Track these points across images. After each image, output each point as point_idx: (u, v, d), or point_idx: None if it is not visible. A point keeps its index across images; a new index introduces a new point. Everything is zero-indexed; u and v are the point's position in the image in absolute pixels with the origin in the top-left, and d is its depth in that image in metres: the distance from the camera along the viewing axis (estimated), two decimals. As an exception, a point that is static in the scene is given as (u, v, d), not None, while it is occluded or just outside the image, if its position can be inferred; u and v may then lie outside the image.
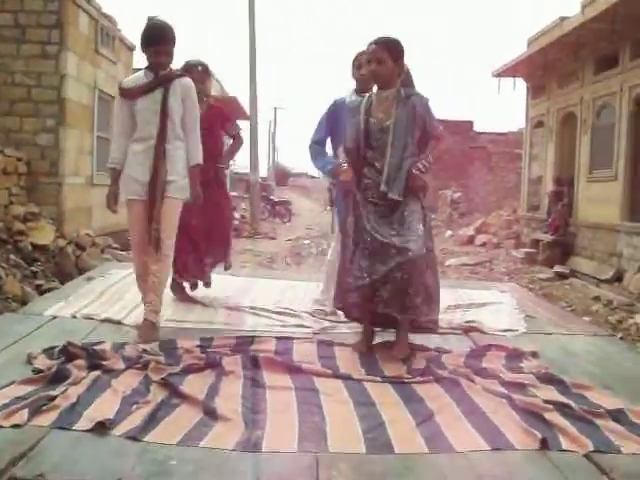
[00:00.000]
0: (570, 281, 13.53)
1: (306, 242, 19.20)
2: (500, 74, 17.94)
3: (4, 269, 8.73)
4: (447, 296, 5.70)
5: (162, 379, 3.22)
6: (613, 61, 13.29)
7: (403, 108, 4.02)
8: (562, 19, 15.69)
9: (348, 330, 4.56)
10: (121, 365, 3.46)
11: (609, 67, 13.48)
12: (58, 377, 3.19)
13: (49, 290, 8.91)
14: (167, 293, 5.10)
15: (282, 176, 52.29)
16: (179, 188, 4.36)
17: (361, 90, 4.71)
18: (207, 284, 5.38)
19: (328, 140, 4.99)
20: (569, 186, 15.39)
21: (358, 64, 4.77)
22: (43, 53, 10.54)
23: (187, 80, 4.45)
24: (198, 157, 4.43)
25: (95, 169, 12.07)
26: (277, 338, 4.14)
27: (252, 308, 4.99)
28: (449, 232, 22.09)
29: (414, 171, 3.97)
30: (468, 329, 4.69)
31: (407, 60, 4.13)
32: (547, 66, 16.11)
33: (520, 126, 29.24)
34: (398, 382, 3.45)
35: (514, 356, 3.96)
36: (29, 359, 3.50)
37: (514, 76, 17.75)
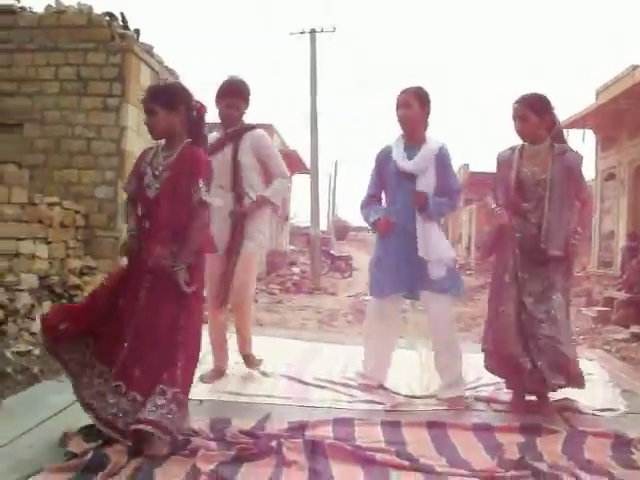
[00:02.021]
0: (649, 343, 12.68)
1: (367, 298, 18.64)
2: (568, 126, 17.35)
3: (58, 325, 8.50)
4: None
5: (212, 470, 2.76)
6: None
7: (559, 163, 4.12)
8: (634, 67, 15.15)
9: (424, 407, 4.05)
10: (165, 449, 3.01)
11: (687, 117, 12.84)
12: (94, 464, 2.77)
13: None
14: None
15: (342, 230, 51.97)
16: (254, 244, 4.41)
17: (405, 132, 4.42)
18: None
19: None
20: (644, 241, 14.62)
21: (397, 105, 4.39)
22: (104, 106, 10.45)
23: (258, 131, 4.43)
24: (268, 193, 4.43)
25: (153, 223, 11.88)
26: (334, 421, 3.61)
27: (316, 379, 4.51)
28: (515, 288, 21.27)
29: (572, 241, 4.11)
30: (561, 407, 4.12)
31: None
32: (618, 117, 15.51)
33: (587, 180, 28.68)
34: (489, 478, 2.92)
35: (621, 444, 3.38)
36: (64, 440, 3.10)
37: (583, 127, 17.16)
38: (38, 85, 10.40)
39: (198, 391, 4.08)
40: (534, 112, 4.15)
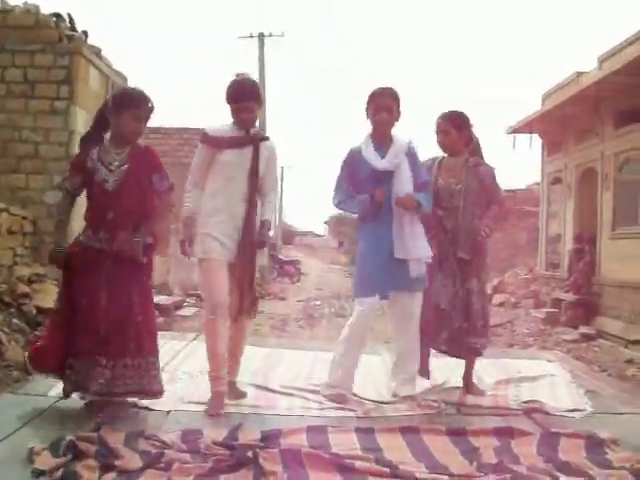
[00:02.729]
0: (598, 342, 12.92)
1: (317, 303, 18.61)
2: (515, 130, 17.63)
3: (6, 334, 8.20)
4: (493, 369, 5.21)
5: (189, 484, 2.67)
6: (635, 115, 12.94)
7: (472, 175, 4.48)
8: (578, 74, 15.47)
9: (394, 413, 4.02)
10: (138, 463, 2.90)
11: (631, 121, 13.12)
12: (64, 482, 2.65)
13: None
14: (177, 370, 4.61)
15: (288, 235, 51.86)
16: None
17: (377, 134, 4.38)
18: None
19: None
20: (591, 244, 14.92)
21: (376, 107, 4.32)
22: (52, 109, 10.17)
23: (272, 143, 4.28)
24: (270, 214, 4.30)
25: (103, 228, 11.64)
26: (308, 428, 3.53)
27: (283, 387, 4.42)
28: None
29: (481, 235, 4.38)
30: (530, 410, 4.13)
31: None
32: (564, 122, 15.79)
33: (528, 183, 29.15)
34: (469, 482, 2.89)
35: (594, 445, 3.40)
36: (30, 456, 2.96)
37: (530, 132, 17.43)
38: (-16, 87, 10.10)
39: (164, 401, 3.99)
40: (455, 127, 4.52)
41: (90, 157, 3.89)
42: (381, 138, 4.36)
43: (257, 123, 4.41)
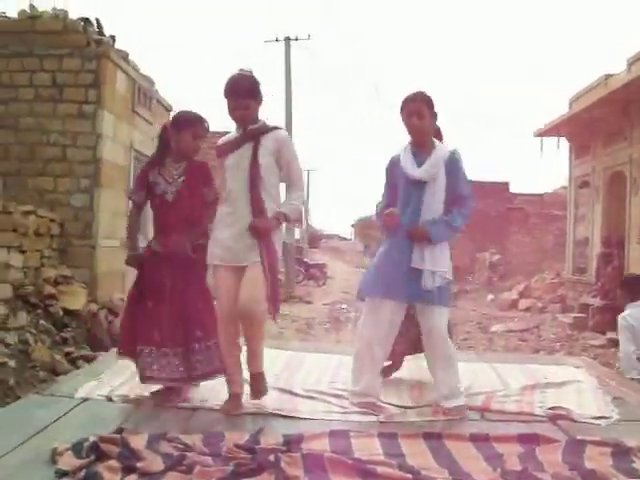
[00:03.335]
0: (625, 349, 12.77)
1: (343, 306, 18.61)
2: (542, 134, 17.52)
3: (33, 335, 8.34)
4: (520, 374, 5.15)
5: (211, 487, 2.67)
6: (665, 118, 12.82)
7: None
8: (607, 77, 15.33)
9: (417, 418, 3.99)
10: (160, 466, 2.91)
11: (661, 125, 13.00)
12: (86, 483, 2.66)
13: (79, 358, 8.49)
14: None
15: (314, 238, 51.88)
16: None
17: (414, 140, 4.26)
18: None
19: None
20: (619, 248, 14.75)
21: (407, 113, 4.19)
22: (80, 113, 10.34)
23: (281, 132, 4.14)
24: (289, 209, 4.09)
25: (130, 231, 11.74)
26: (330, 433, 3.49)
27: (306, 390, 4.41)
28: (490, 296, 21.40)
29: None
30: (555, 416, 4.07)
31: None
32: (591, 125, 15.68)
33: (556, 187, 28.97)
34: (493, 490, 2.86)
35: (620, 453, 3.33)
36: (53, 456, 2.98)
37: (557, 136, 17.32)
38: (13, 91, 10.28)
39: (187, 404, 4.02)
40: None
41: (152, 171, 4.30)
42: (420, 145, 4.22)
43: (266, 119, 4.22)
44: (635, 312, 6.06)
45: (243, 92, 4.00)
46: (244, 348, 4.13)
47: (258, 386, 4.07)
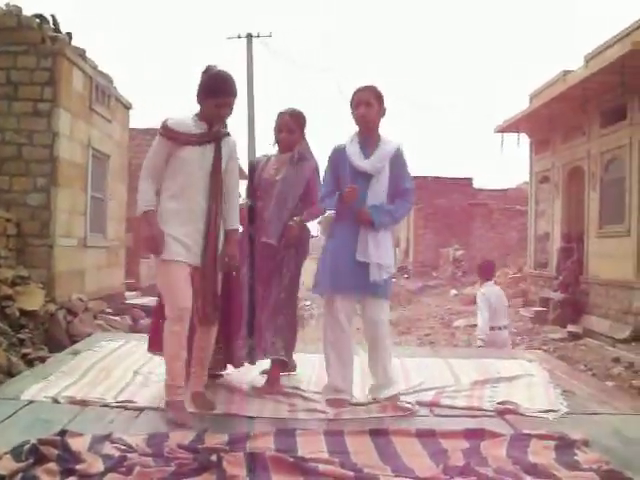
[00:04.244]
0: (585, 341, 12.97)
1: (307, 303, 18.60)
2: (503, 130, 17.66)
3: (-12, 337, 8.20)
4: (472, 369, 5.19)
5: (150, 489, 2.65)
6: (621, 114, 12.98)
7: (293, 168, 4.54)
8: (565, 73, 15.51)
9: (366, 415, 4.00)
10: (100, 467, 2.87)
11: (617, 120, 13.16)
12: (22, 487, 2.62)
13: (37, 359, 8.36)
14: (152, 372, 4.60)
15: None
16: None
17: (361, 131, 4.32)
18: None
19: None
20: (578, 242, 14.94)
21: (356, 102, 4.26)
22: (35, 111, 10.19)
23: (234, 140, 4.15)
24: (237, 221, 4.15)
25: (89, 230, 11.61)
26: (276, 432, 3.48)
27: (255, 389, 4.40)
28: (453, 291, 21.57)
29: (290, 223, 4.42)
30: (503, 411, 4.11)
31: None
32: (551, 121, 15.83)
33: (519, 182, 29.27)
34: (434, 485, 2.87)
35: (564, 446, 3.37)
36: (-8, 461, 2.93)
37: (517, 131, 17.46)
38: (-35, 89, 10.08)
39: (136, 403, 3.99)
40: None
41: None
42: (367, 136, 4.28)
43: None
44: (489, 290, 7.60)
45: (233, 91, 3.98)
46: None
47: (205, 402, 4.04)
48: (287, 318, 4.50)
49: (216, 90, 3.91)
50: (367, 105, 4.20)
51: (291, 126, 4.56)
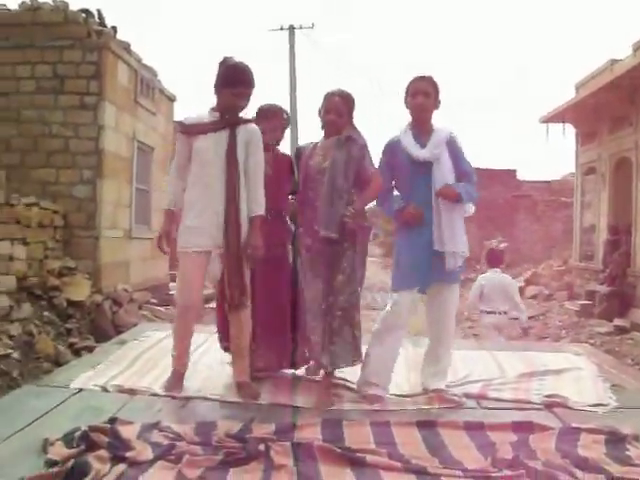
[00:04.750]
0: (632, 335, 12.70)
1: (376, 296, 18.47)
2: (548, 120, 17.37)
3: (37, 327, 8.36)
4: (518, 362, 5.13)
5: (198, 476, 2.67)
6: (671, 103, 12.69)
7: (340, 151, 4.14)
8: (612, 62, 15.18)
9: (412, 406, 3.98)
10: (149, 455, 2.91)
11: (667, 110, 12.87)
12: (75, 473, 2.66)
13: (84, 349, 8.50)
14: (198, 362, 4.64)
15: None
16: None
17: (416, 121, 4.26)
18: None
19: None
20: (626, 234, 14.64)
21: (413, 91, 4.21)
22: (81, 104, 10.32)
23: (253, 126, 4.13)
24: (261, 207, 4.07)
25: (134, 222, 11.75)
26: (323, 422, 3.48)
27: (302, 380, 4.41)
28: (497, 283, 21.28)
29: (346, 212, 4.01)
30: (551, 404, 4.05)
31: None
32: (597, 111, 15.52)
33: (564, 174, 28.80)
34: (483, 477, 2.84)
35: (615, 441, 3.31)
36: (44, 446, 2.99)
37: (563, 122, 17.16)
38: (14, 83, 10.27)
39: (183, 393, 4.02)
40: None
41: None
42: (420, 126, 4.23)
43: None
44: (488, 276, 7.62)
45: (251, 82, 4.03)
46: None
47: (251, 391, 4.08)
48: (347, 320, 4.09)
49: (233, 80, 3.98)
50: (425, 95, 4.16)
51: (340, 108, 4.17)
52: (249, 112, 4.23)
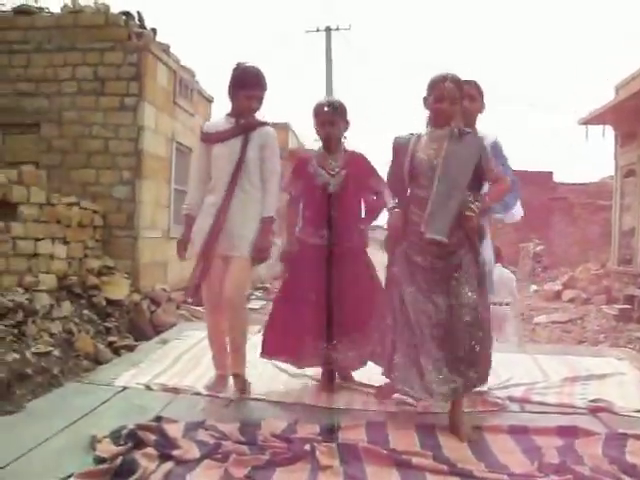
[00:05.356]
0: (672, 341, 12.50)
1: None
2: (587, 122, 17.16)
3: (77, 325, 8.46)
4: (561, 366, 5.07)
5: (245, 475, 2.69)
6: None
7: (455, 145, 3.62)
8: (654, 63, 14.95)
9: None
10: (196, 453, 2.94)
11: None
12: (123, 470, 2.69)
13: (122, 347, 8.59)
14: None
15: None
16: (248, 244, 4.07)
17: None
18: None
19: None
20: (666, 238, 14.42)
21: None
22: (121, 105, 10.42)
23: (268, 129, 4.20)
24: (270, 209, 4.12)
25: (172, 222, 11.83)
26: (367, 424, 3.49)
27: (343, 382, 4.40)
28: (534, 287, 21.09)
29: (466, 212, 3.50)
30: (596, 409, 4.00)
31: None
32: (637, 112, 15.29)
33: (602, 176, 28.42)
34: (529, 482, 2.82)
35: (663, 447, 3.27)
36: (92, 443, 3.03)
37: (602, 123, 16.95)
38: (56, 85, 10.39)
39: (226, 392, 4.05)
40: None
41: (310, 164, 4.25)
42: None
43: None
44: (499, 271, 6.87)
45: (263, 84, 4.13)
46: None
47: (239, 386, 4.14)
48: (475, 340, 3.53)
49: (246, 83, 4.08)
50: (471, 99, 4.12)
51: (453, 95, 3.60)
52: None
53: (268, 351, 4.30)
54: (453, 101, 3.60)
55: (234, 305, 4.07)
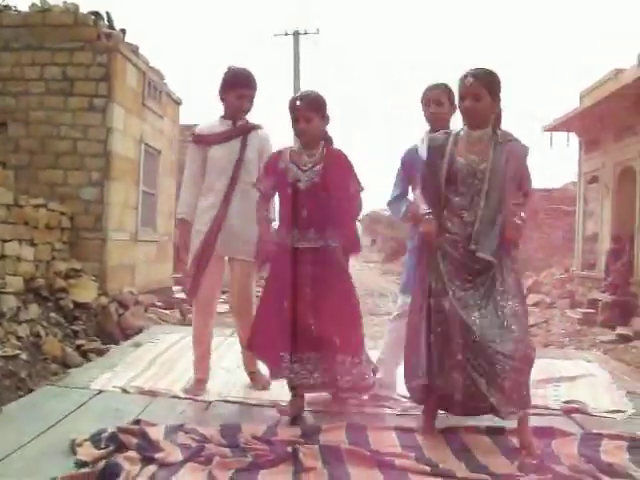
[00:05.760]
0: (635, 344, 12.72)
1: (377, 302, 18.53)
2: (552, 129, 17.42)
3: (44, 328, 8.34)
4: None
5: (230, 478, 2.68)
6: (676, 113, 12.73)
7: (500, 152, 3.39)
8: (617, 71, 15.24)
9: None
10: (178, 456, 2.93)
11: (672, 120, 12.90)
12: (107, 473, 2.67)
13: (90, 351, 8.50)
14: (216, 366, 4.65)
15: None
16: (252, 247, 4.11)
17: (434, 129, 4.03)
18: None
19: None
20: (629, 243, 14.68)
21: (427, 101, 4.16)
22: (90, 106, 10.30)
23: (264, 131, 4.28)
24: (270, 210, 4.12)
25: (140, 224, 11.73)
26: (347, 426, 3.49)
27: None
28: (498, 290, 21.28)
29: (516, 220, 3.33)
30: (569, 410, 4.07)
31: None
32: (602, 120, 15.56)
33: (565, 182, 28.86)
34: (510, 482, 2.86)
35: (636, 447, 3.33)
36: (72, 447, 3.00)
37: (567, 131, 17.22)
38: (23, 84, 10.23)
39: (203, 396, 4.04)
40: (489, 92, 3.41)
41: (282, 160, 3.88)
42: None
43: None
44: None
45: (253, 84, 4.18)
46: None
47: (260, 380, 4.27)
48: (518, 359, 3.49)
49: (236, 83, 4.15)
50: (438, 104, 4.14)
51: (477, 91, 3.37)
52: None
53: (253, 347, 4.11)
54: (477, 98, 3.37)
55: (246, 309, 4.16)
